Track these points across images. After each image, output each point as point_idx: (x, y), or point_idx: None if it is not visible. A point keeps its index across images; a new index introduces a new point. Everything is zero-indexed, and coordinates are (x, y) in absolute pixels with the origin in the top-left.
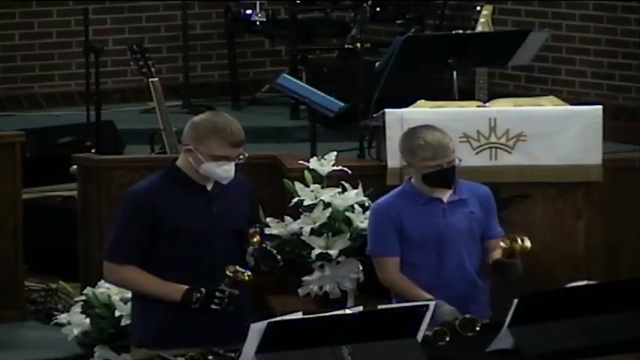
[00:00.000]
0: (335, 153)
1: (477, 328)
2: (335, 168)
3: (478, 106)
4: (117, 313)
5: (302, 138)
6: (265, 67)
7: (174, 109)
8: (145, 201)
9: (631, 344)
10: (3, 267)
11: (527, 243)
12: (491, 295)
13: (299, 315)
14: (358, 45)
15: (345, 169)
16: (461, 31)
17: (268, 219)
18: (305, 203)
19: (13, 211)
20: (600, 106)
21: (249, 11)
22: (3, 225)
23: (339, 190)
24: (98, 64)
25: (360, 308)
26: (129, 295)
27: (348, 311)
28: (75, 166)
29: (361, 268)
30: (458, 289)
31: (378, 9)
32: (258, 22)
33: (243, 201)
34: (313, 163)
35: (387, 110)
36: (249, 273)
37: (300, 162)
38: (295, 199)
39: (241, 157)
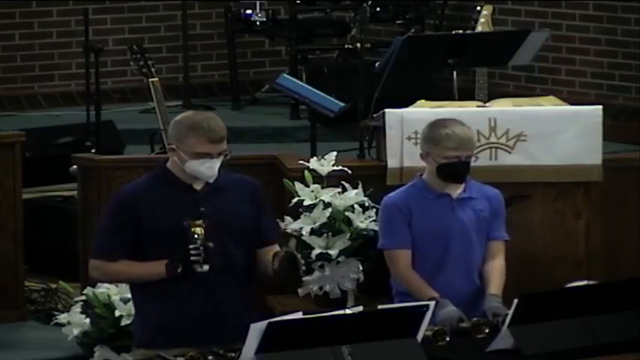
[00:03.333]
0: (335, 153)
1: (487, 330)
2: (335, 168)
3: (478, 106)
4: (117, 313)
5: (302, 138)
6: (265, 67)
7: (174, 109)
8: (129, 201)
9: (631, 344)
10: (3, 267)
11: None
12: None
13: (299, 315)
14: (358, 45)
15: (345, 169)
16: (461, 31)
17: None
18: (305, 203)
19: (13, 211)
20: (600, 106)
21: (249, 11)
22: (3, 225)
23: (339, 190)
24: (98, 64)
25: (360, 308)
26: (129, 295)
27: (348, 311)
28: (75, 166)
29: (361, 268)
30: (460, 284)
31: (378, 9)
32: (258, 22)
33: (243, 201)
34: (313, 163)
35: (387, 110)
36: (203, 223)
37: (300, 162)
38: (295, 199)
39: (226, 154)
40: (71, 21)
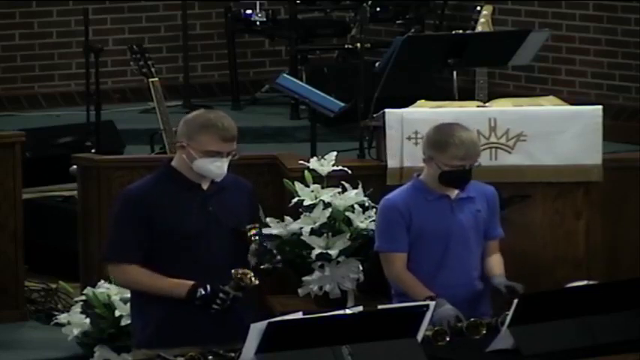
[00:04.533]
0: (335, 153)
1: (484, 331)
2: (335, 168)
3: (478, 106)
4: (117, 313)
5: (302, 138)
6: (265, 67)
7: (174, 109)
8: (139, 200)
9: (631, 344)
10: (3, 267)
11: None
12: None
13: (299, 315)
14: (358, 45)
15: (345, 169)
16: (461, 31)
17: (268, 219)
18: (305, 203)
19: (13, 211)
20: (600, 106)
21: (249, 11)
22: (3, 225)
23: (339, 190)
24: (98, 64)
25: (360, 308)
26: (129, 295)
27: (348, 311)
28: (75, 166)
29: (361, 268)
30: (459, 286)
31: (378, 9)
32: (258, 22)
33: (242, 201)
34: (313, 163)
35: (387, 110)
36: (255, 276)
37: (300, 162)
38: (295, 199)
39: (235, 153)
40: (71, 21)
